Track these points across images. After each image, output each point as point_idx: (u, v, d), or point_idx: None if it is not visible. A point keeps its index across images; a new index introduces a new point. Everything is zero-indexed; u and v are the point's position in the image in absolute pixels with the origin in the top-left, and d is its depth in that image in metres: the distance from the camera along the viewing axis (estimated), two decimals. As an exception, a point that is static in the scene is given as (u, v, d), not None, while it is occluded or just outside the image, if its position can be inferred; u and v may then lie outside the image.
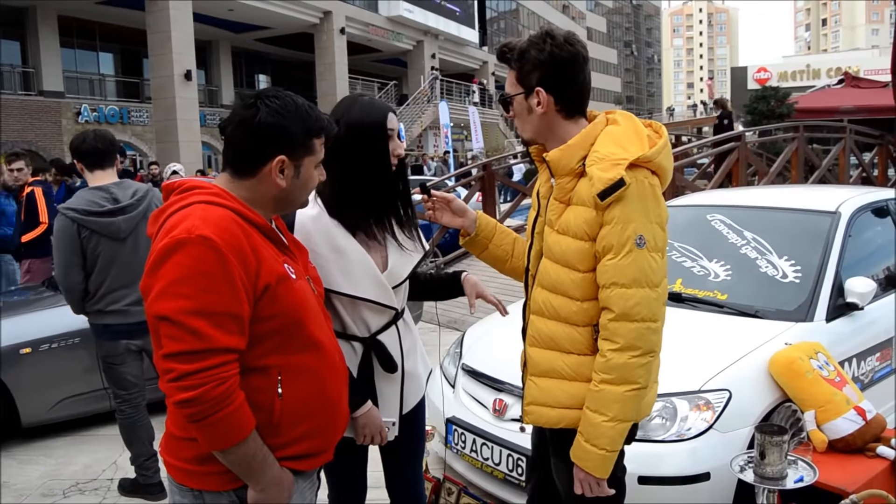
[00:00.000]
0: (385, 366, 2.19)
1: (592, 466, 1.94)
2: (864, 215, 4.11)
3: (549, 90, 1.96)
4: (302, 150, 1.74)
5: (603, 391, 1.89)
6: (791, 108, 14.00)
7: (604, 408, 1.89)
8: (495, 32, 46.46)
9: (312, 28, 28.69)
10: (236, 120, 1.72)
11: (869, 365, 3.64)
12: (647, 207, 1.88)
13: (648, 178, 1.90)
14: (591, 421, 1.92)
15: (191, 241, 1.56)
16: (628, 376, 1.87)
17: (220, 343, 1.56)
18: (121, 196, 3.59)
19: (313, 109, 1.77)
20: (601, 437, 1.90)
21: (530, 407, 2.10)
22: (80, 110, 23.66)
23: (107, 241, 3.50)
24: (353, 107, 2.15)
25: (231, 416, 1.57)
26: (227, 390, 1.56)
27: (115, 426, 3.85)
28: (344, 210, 2.14)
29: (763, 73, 29.23)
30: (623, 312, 1.86)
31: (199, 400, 1.53)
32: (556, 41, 1.94)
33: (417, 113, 31.39)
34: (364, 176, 2.12)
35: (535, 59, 1.95)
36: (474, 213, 2.29)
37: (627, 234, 1.85)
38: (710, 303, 3.67)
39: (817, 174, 10.63)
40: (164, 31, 20.73)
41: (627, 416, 1.91)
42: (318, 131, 1.76)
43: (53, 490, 4.02)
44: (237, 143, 1.73)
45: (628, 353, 1.87)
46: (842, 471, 2.69)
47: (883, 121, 11.61)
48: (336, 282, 2.08)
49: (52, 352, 4.58)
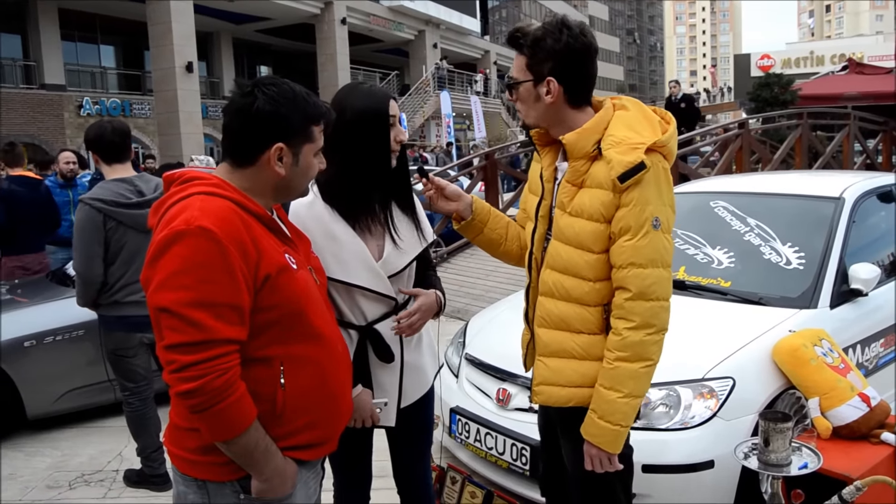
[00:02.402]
0: (380, 355, 2.18)
1: (606, 442, 1.97)
2: (868, 201, 4.09)
3: (561, 80, 1.96)
4: (300, 137, 1.74)
5: (618, 368, 1.93)
6: (795, 94, 13.92)
7: (619, 384, 1.94)
8: (497, 22, 46.29)
9: (313, 18, 28.58)
10: (233, 108, 1.71)
11: (873, 351, 3.63)
12: (662, 190, 1.93)
13: (662, 163, 1.95)
14: (605, 398, 1.95)
15: (190, 233, 1.55)
16: (643, 353, 1.93)
17: (220, 334, 1.56)
18: (145, 189, 3.63)
19: (311, 96, 1.76)
20: (616, 413, 1.95)
21: (540, 387, 2.13)
22: (83, 103, 23.62)
23: (133, 233, 3.52)
24: (354, 94, 2.14)
25: (232, 406, 1.57)
26: (228, 381, 1.56)
27: (121, 417, 3.86)
28: (343, 197, 2.13)
29: (766, 59, 29.09)
30: (640, 292, 1.91)
31: (201, 391, 1.54)
32: (572, 32, 1.95)
33: (419, 103, 31.30)
34: (367, 163, 2.12)
35: (550, 49, 1.95)
36: (469, 198, 2.29)
37: (645, 216, 1.90)
38: (713, 290, 3.66)
39: (821, 161, 10.59)
40: (164, 22, 20.65)
41: (641, 391, 1.96)
42: (316, 118, 1.76)
43: (59, 482, 4.04)
44: (235, 131, 1.72)
45: (644, 330, 1.92)
46: (846, 457, 2.68)
47: (887, 107, 11.56)
48: (329, 268, 2.07)
49: (57, 344, 4.59)
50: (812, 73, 22.36)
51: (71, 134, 22.96)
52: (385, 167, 2.15)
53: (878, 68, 14.85)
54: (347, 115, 2.09)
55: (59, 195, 6.58)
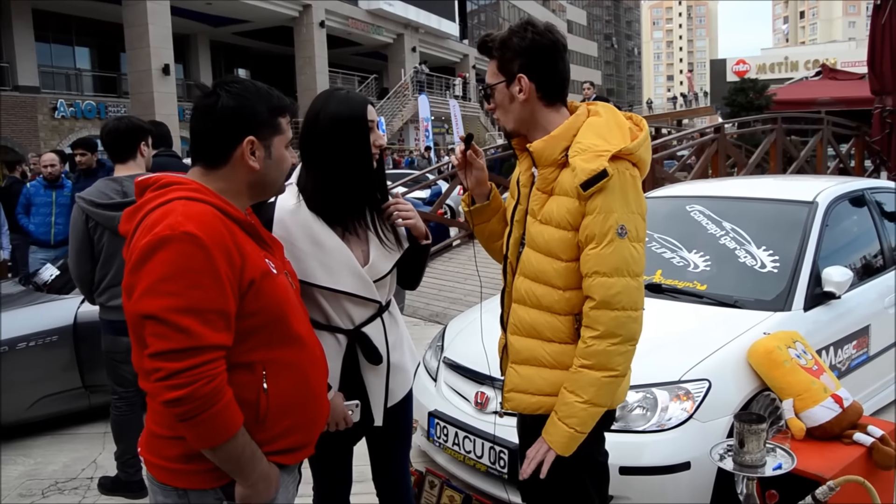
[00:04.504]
0: (370, 357, 2.19)
1: (558, 443, 1.97)
2: (840, 205, 4.15)
3: (531, 77, 1.98)
4: (269, 129, 1.74)
5: (581, 374, 1.94)
6: (769, 99, 14.06)
7: (580, 390, 1.94)
8: (476, 26, 46.37)
9: (292, 21, 28.50)
10: (199, 111, 1.71)
11: (846, 353, 3.68)
12: (629, 198, 1.92)
13: (630, 170, 1.94)
14: (565, 400, 1.96)
15: (176, 238, 1.53)
16: (607, 363, 1.92)
17: (208, 340, 1.54)
18: (130, 190, 3.56)
19: (273, 90, 1.77)
20: (573, 417, 1.95)
21: (511, 394, 2.13)
22: (57, 105, 23.33)
23: (110, 235, 3.48)
24: (331, 101, 2.14)
25: (220, 413, 1.55)
26: (217, 387, 1.54)
27: (95, 424, 3.82)
28: (325, 204, 2.13)
29: (742, 65, 29.46)
30: (604, 301, 1.90)
31: (189, 398, 1.51)
32: (537, 29, 1.99)
33: (398, 107, 31.30)
34: (347, 169, 2.12)
35: (516, 47, 1.98)
36: (490, 185, 2.29)
37: (609, 224, 1.89)
38: (689, 293, 3.69)
39: (795, 165, 10.71)
40: (141, 24, 20.50)
41: (602, 401, 1.95)
42: (281, 110, 1.76)
43: (32, 490, 3.97)
44: (204, 133, 1.72)
45: (608, 340, 1.91)
46: (819, 458, 2.72)
47: (859, 112, 11.69)
48: (316, 275, 2.08)
49: (30, 350, 4.52)
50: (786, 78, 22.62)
51: (45, 136, 22.66)
52: (367, 172, 2.15)
53: (850, 74, 15.04)
54: (326, 122, 2.10)
55: (42, 195, 7.02)
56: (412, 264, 2.33)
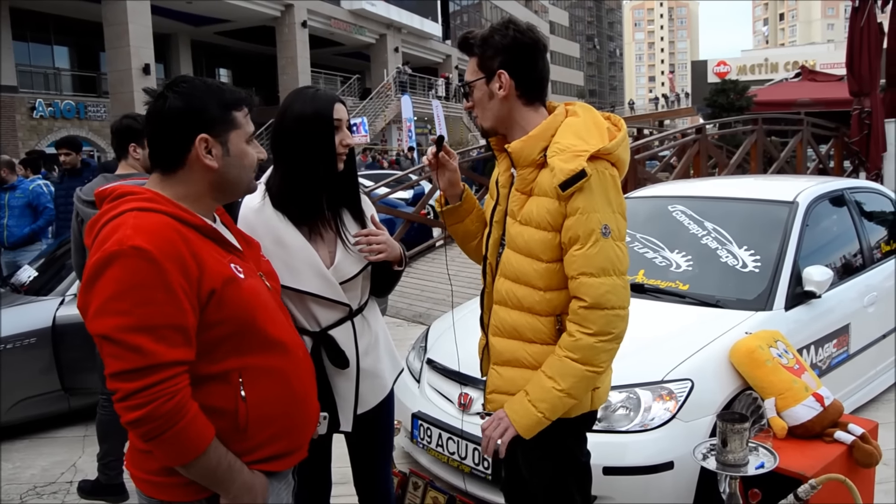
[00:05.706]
0: (335, 361, 2.16)
1: (522, 424, 1.96)
2: (821, 204, 4.19)
3: (512, 74, 1.98)
4: (222, 125, 1.67)
5: (565, 363, 1.93)
6: (750, 101, 14.19)
7: (560, 377, 1.93)
8: (458, 26, 46.38)
9: (274, 21, 28.35)
10: (149, 116, 1.67)
11: (826, 352, 3.71)
12: (609, 198, 1.92)
13: (609, 170, 1.94)
14: (542, 384, 1.95)
15: (123, 254, 1.48)
16: (592, 358, 1.92)
17: (164, 357, 1.49)
18: None
19: (226, 85, 1.72)
20: (544, 402, 1.94)
21: (492, 395, 2.13)
22: (35, 105, 23.04)
23: None
24: (299, 99, 2.14)
25: (186, 429, 1.51)
26: (178, 404, 1.50)
27: (75, 427, 3.77)
28: (290, 202, 2.12)
29: (723, 66, 29.71)
30: (595, 301, 1.90)
31: (149, 417, 1.48)
32: (518, 27, 1.99)
33: (381, 107, 31.22)
34: (310, 167, 2.10)
35: (498, 44, 1.98)
36: (463, 186, 2.28)
37: (592, 224, 1.89)
38: (672, 293, 3.71)
39: (776, 166, 10.81)
40: (121, 23, 20.30)
41: (577, 393, 1.95)
42: (234, 103, 1.70)
43: (10, 495, 3.91)
44: (155, 137, 1.67)
45: (598, 337, 1.91)
46: (801, 456, 2.73)
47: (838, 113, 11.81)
48: (279, 275, 2.03)
49: (8, 352, 4.46)
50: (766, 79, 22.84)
51: (23, 136, 22.38)
52: (331, 171, 2.13)
53: (829, 76, 15.18)
54: (291, 120, 2.09)
55: None
56: (383, 279, 2.30)
